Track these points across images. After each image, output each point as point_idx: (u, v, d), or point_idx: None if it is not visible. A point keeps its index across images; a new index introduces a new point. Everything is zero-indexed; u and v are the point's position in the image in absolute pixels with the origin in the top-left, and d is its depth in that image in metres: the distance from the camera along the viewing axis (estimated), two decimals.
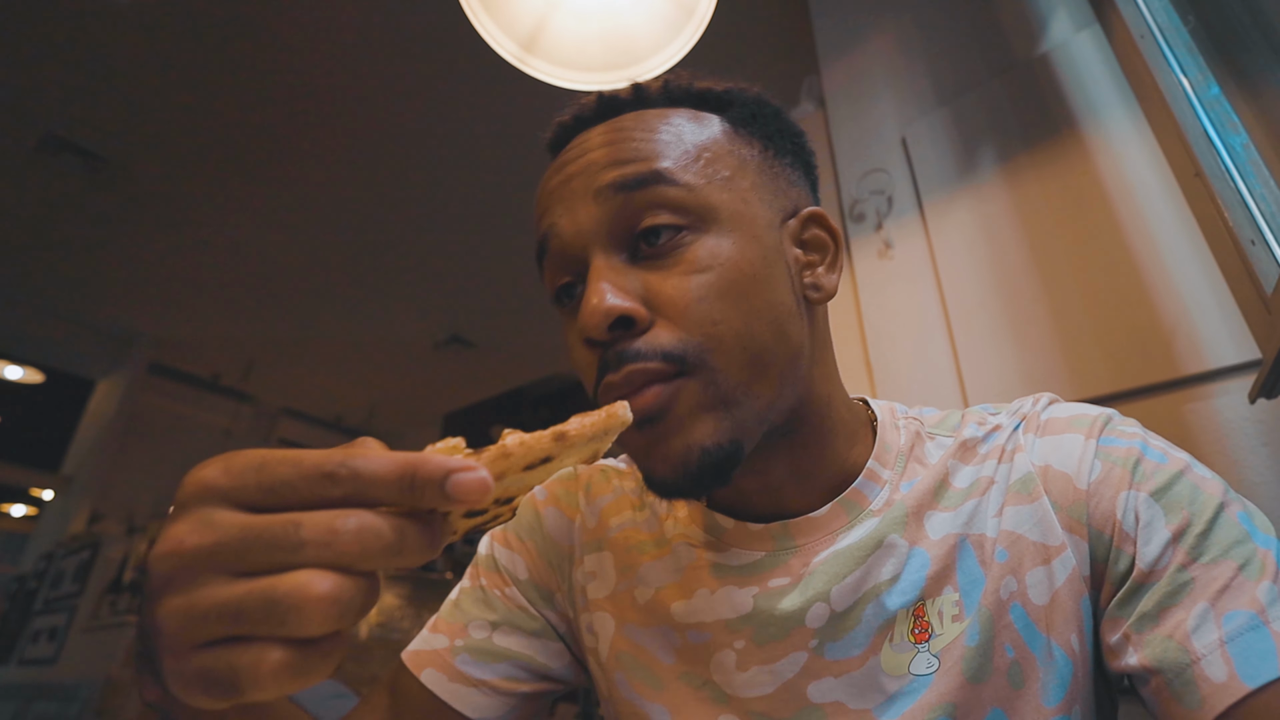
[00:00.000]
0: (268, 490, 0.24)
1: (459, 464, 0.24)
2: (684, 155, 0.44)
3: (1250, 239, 0.76)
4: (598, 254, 0.42)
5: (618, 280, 0.41)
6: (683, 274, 0.41)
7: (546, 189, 0.46)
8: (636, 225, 0.42)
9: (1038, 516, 0.42)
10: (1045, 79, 1.21)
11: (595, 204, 0.43)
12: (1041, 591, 0.41)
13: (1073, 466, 0.43)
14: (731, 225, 0.43)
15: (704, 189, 0.43)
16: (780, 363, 0.42)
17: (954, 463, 0.47)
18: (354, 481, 0.24)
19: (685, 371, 0.40)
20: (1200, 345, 0.93)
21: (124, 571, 3.24)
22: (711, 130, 0.46)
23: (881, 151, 1.43)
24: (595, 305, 0.40)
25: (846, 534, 0.45)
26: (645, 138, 0.44)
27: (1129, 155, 1.07)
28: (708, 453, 0.39)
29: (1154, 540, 0.38)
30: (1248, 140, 0.82)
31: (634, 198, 0.42)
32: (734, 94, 0.49)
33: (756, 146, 0.48)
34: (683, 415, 0.39)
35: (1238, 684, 0.34)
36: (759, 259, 0.43)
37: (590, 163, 0.44)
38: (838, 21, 1.64)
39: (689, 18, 1.03)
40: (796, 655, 0.44)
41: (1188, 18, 0.92)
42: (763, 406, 0.42)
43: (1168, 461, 0.41)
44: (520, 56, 1.04)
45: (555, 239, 0.44)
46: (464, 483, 0.24)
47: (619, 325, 0.40)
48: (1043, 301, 1.10)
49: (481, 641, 0.53)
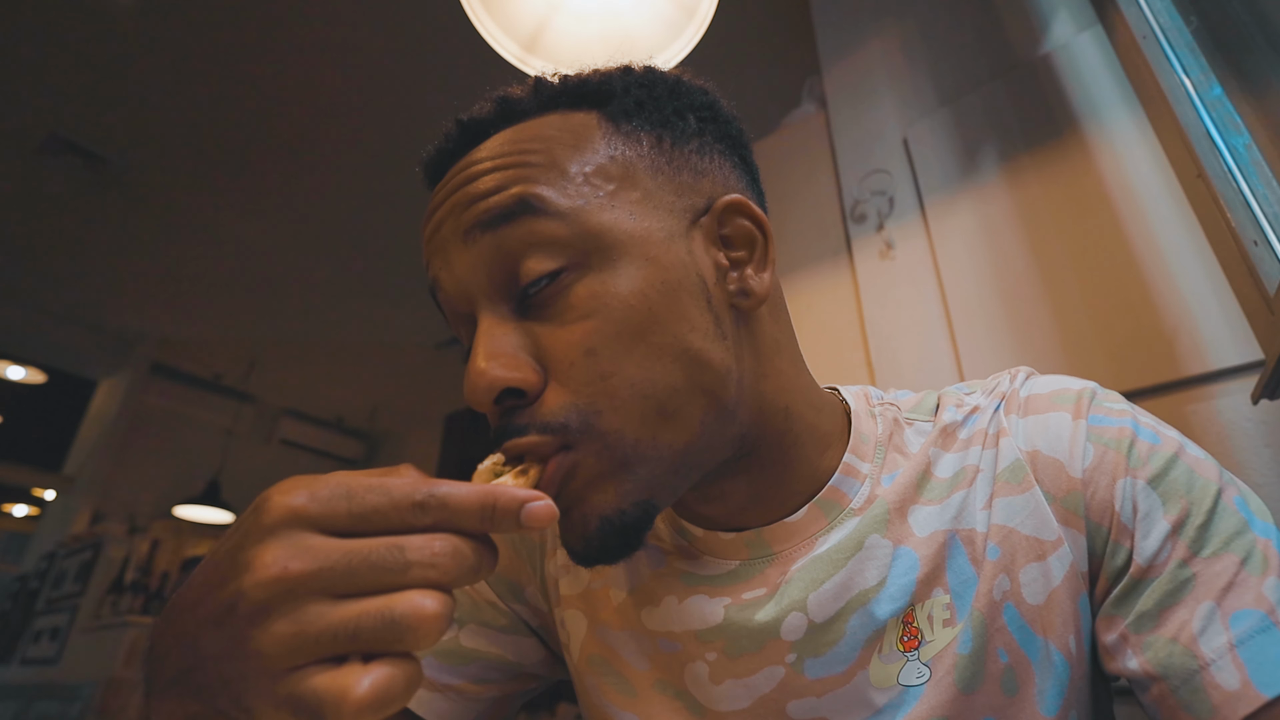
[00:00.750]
0: (359, 518, 0.26)
1: (529, 495, 0.27)
2: (555, 174, 0.38)
3: (1253, 240, 0.76)
4: (484, 310, 0.37)
5: (503, 342, 0.36)
6: (567, 323, 0.36)
7: (424, 236, 0.41)
8: (516, 274, 0.37)
9: (1030, 508, 0.40)
10: (1047, 80, 1.21)
11: (466, 249, 0.37)
12: (1037, 590, 0.38)
13: (1064, 451, 0.40)
14: (619, 252, 0.37)
15: (581, 213, 0.37)
16: (699, 399, 0.37)
17: (935, 450, 0.44)
18: (441, 510, 0.26)
19: (572, 444, 0.35)
20: (1202, 346, 0.93)
21: (125, 571, 3.25)
22: (586, 135, 0.40)
23: (883, 152, 1.42)
24: (476, 378, 0.35)
25: (825, 537, 0.42)
26: (509, 160, 0.38)
27: (1131, 156, 1.07)
28: (607, 520, 0.36)
29: (1152, 533, 0.36)
30: (1250, 141, 0.82)
31: (504, 236, 0.37)
32: (613, 82, 0.42)
33: (646, 142, 0.41)
34: (578, 488, 0.36)
35: (1253, 693, 0.31)
36: (656, 287, 0.37)
37: (455, 203, 0.38)
38: (839, 22, 1.64)
39: (690, 18, 1.03)
40: (772, 670, 0.41)
41: (1190, 18, 0.92)
42: (677, 455, 0.37)
43: (1161, 442, 0.39)
44: (521, 57, 1.04)
45: (440, 293, 0.40)
46: (537, 512, 0.27)
47: (508, 396, 0.36)
48: (1044, 302, 1.10)
49: (447, 643, 0.50)
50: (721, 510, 0.44)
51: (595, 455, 0.36)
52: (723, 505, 0.44)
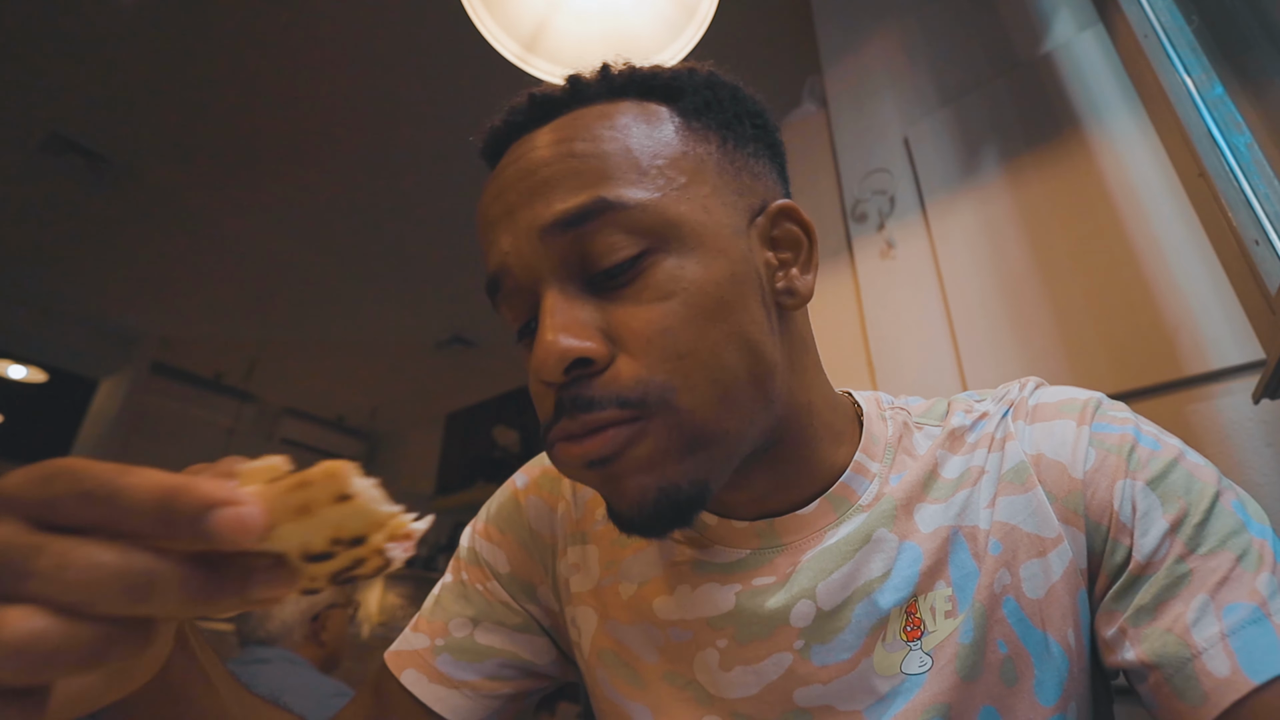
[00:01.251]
0: (45, 505, 0.21)
1: (224, 495, 0.21)
2: (633, 168, 0.39)
3: (1254, 239, 0.76)
4: (551, 288, 0.38)
5: (573, 315, 0.37)
6: (644, 302, 0.37)
7: (488, 216, 0.41)
8: (591, 258, 0.38)
9: (1032, 507, 0.41)
10: (1048, 79, 1.21)
11: (542, 243, 0.38)
12: (1037, 585, 0.40)
13: (1066, 455, 0.41)
14: (694, 241, 0.39)
15: (659, 204, 0.38)
16: (752, 389, 0.39)
17: (942, 453, 0.45)
18: (108, 505, 0.21)
19: (645, 415, 0.36)
20: (1203, 346, 0.93)
21: None
22: (662, 129, 0.41)
23: (884, 151, 1.42)
24: (548, 349, 0.36)
25: (834, 530, 0.44)
26: (587, 150, 0.39)
27: (1132, 155, 1.06)
28: (666, 493, 0.36)
29: (1151, 531, 0.38)
30: (1251, 140, 0.82)
31: (583, 233, 0.38)
32: (683, 79, 0.43)
33: (714, 141, 0.43)
34: (641, 457, 0.36)
35: (1242, 679, 0.33)
36: (726, 276, 0.39)
37: (530, 190, 0.39)
38: (840, 21, 1.64)
39: (690, 18, 1.03)
40: (780, 656, 0.42)
41: (1191, 17, 0.92)
42: (732, 441, 0.38)
43: (1162, 448, 0.40)
44: (522, 56, 1.04)
45: (507, 278, 0.40)
46: (225, 521, 0.20)
47: (576, 366, 0.37)
48: (1045, 302, 1.10)
49: (463, 640, 0.52)
50: (739, 499, 0.45)
51: (667, 429, 0.36)
52: (742, 494, 0.44)
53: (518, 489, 0.57)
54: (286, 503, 0.22)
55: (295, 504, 0.22)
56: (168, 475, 0.21)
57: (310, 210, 2.79)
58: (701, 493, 0.37)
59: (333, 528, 0.23)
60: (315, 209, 2.78)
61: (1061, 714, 0.38)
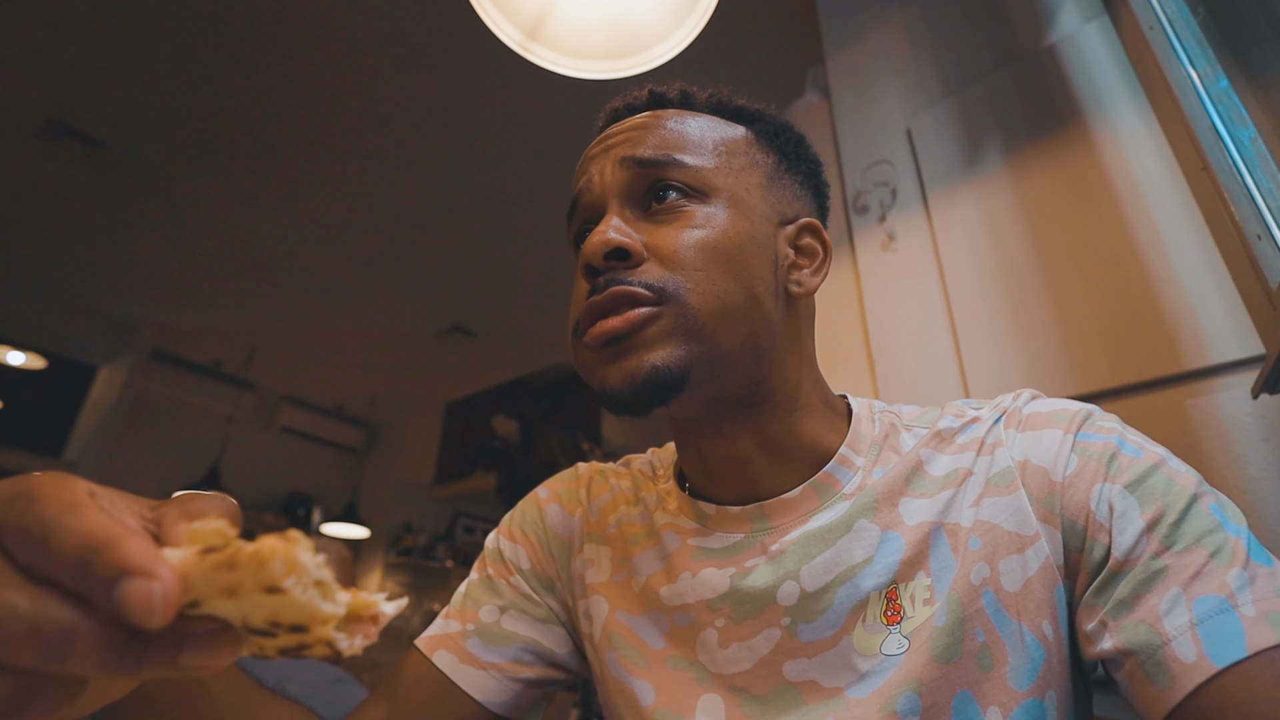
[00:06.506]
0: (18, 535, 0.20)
1: (141, 563, 0.19)
2: (702, 147, 0.51)
3: (1256, 233, 0.76)
4: (614, 205, 0.50)
5: (622, 223, 0.48)
6: (679, 228, 0.47)
7: (588, 155, 0.54)
8: (650, 194, 0.49)
9: (1014, 508, 0.44)
10: (1052, 71, 1.20)
11: (620, 169, 0.50)
12: (1014, 579, 0.43)
13: (1050, 460, 0.44)
14: (730, 203, 0.49)
15: (712, 172, 0.50)
16: (745, 325, 0.46)
17: (927, 451, 0.49)
18: (40, 548, 0.20)
19: (662, 301, 0.44)
20: (1204, 340, 0.93)
21: None
22: (734, 133, 0.53)
23: (886, 143, 1.42)
24: (599, 237, 0.46)
25: (819, 516, 0.48)
26: (675, 129, 0.51)
27: (1135, 148, 1.06)
28: (656, 370, 0.43)
29: (1129, 530, 0.40)
30: (1255, 134, 0.82)
31: (650, 174, 0.49)
32: (763, 113, 0.56)
33: (772, 158, 0.54)
34: (648, 338, 0.44)
35: (1206, 664, 0.35)
36: (747, 235, 0.48)
37: (627, 139, 0.51)
38: (843, 11, 1.63)
39: (693, 6, 1.02)
40: (770, 632, 0.46)
41: (1197, 10, 0.92)
42: (720, 353, 0.45)
43: (1143, 455, 0.43)
44: (524, 44, 1.03)
45: (586, 193, 0.51)
46: (135, 593, 0.19)
47: (615, 256, 0.46)
48: (1046, 295, 1.10)
49: (491, 625, 0.56)
50: (726, 453, 0.50)
51: (673, 317, 0.44)
52: (729, 447, 0.50)
53: (540, 498, 0.63)
54: (213, 581, 0.20)
55: (222, 585, 0.20)
56: (102, 526, 0.20)
57: (311, 197, 2.78)
58: (682, 378, 0.44)
59: (269, 611, 0.21)
60: (316, 196, 2.78)
61: (1037, 699, 0.41)
